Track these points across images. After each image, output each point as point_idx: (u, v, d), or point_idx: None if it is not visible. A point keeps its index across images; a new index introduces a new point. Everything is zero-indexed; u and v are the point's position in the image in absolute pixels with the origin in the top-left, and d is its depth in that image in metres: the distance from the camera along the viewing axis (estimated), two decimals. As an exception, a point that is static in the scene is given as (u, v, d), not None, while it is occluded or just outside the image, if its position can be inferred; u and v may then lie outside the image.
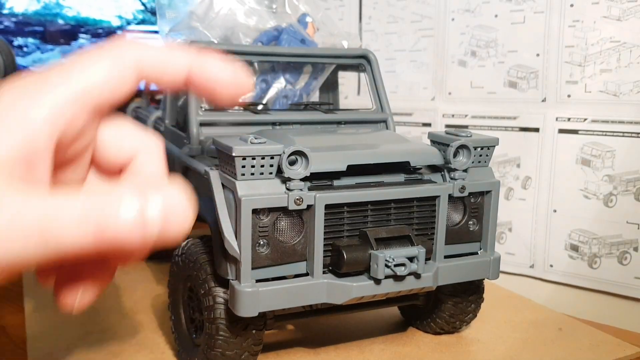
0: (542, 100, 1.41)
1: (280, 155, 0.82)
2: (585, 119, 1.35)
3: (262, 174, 0.82)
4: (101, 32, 1.78)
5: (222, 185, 0.85)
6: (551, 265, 1.42)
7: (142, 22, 1.83)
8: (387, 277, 0.87)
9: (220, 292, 0.88)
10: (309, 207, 0.84)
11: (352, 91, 1.69)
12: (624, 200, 1.30)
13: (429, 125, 1.60)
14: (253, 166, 0.81)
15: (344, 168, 0.88)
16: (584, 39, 1.34)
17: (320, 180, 0.88)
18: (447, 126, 1.57)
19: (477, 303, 1.10)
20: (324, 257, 0.87)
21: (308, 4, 1.29)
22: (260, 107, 1.18)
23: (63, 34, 1.77)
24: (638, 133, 1.28)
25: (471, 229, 1.00)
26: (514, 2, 1.43)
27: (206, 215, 0.90)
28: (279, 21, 1.24)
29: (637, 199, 1.29)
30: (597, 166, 1.33)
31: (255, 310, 0.82)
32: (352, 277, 0.88)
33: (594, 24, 1.33)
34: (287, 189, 0.83)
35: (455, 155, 0.94)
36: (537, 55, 1.41)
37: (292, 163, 0.83)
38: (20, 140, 0.40)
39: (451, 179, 0.95)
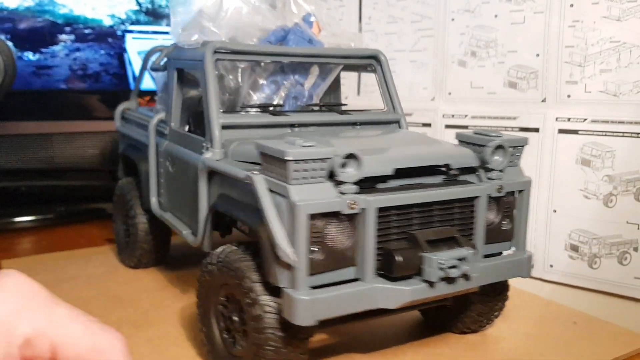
0: (542, 101, 1.43)
1: (331, 158, 0.81)
2: (585, 119, 1.37)
3: (313, 177, 0.81)
4: (90, 32, 1.74)
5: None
6: (551, 266, 1.43)
7: (137, 22, 1.80)
8: (440, 279, 0.87)
9: (268, 301, 0.85)
10: (361, 210, 0.83)
11: (352, 91, 1.68)
12: (624, 201, 1.33)
13: (429, 125, 1.61)
14: (305, 170, 0.80)
15: (391, 172, 0.88)
16: (584, 39, 1.36)
17: (364, 183, 0.87)
18: (447, 126, 1.57)
19: (504, 301, 1.12)
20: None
21: (312, 3, 1.27)
22: (277, 109, 1.17)
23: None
24: (638, 133, 1.31)
25: (504, 228, 1.01)
26: (513, 2, 1.45)
27: (248, 222, 0.88)
28: (285, 21, 1.23)
29: (637, 199, 1.31)
30: (597, 166, 1.35)
31: (312, 318, 0.80)
32: (405, 280, 0.87)
33: (593, 24, 1.35)
34: (340, 193, 0.81)
35: (492, 155, 0.95)
36: (537, 55, 1.43)
37: (342, 166, 0.82)
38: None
39: (488, 179, 0.96)
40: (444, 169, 0.98)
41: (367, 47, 1.33)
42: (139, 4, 1.78)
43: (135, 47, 1.82)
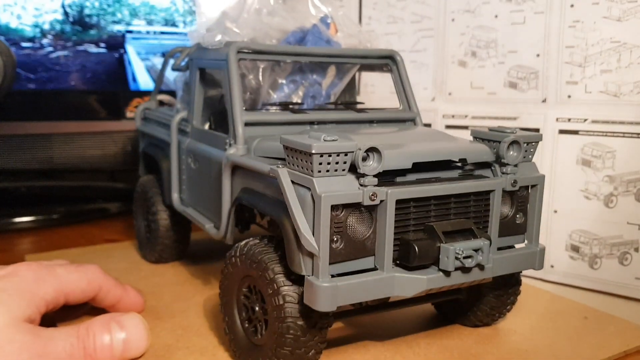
0: (543, 101, 1.50)
1: (353, 152, 0.87)
2: (585, 120, 1.44)
3: (336, 170, 0.88)
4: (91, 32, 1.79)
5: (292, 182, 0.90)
6: (552, 266, 1.51)
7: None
8: (455, 269, 0.94)
9: (290, 291, 0.93)
10: (380, 202, 0.90)
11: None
12: (625, 201, 1.40)
13: (429, 125, 1.67)
14: (329, 163, 0.87)
15: (409, 165, 0.95)
16: (584, 39, 1.44)
17: (384, 177, 0.94)
18: (448, 127, 1.64)
19: (516, 295, 1.20)
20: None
21: (329, 4, 1.36)
22: (296, 107, 1.25)
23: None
24: (638, 134, 1.38)
25: (518, 222, 1.09)
26: (514, 3, 1.52)
27: (272, 213, 0.96)
28: (303, 22, 1.31)
29: (637, 199, 1.38)
30: (598, 167, 1.43)
31: (334, 305, 0.87)
32: (422, 270, 0.95)
33: (594, 25, 1.42)
34: (361, 185, 0.88)
35: (507, 150, 1.02)
36: (537, 55, 1.50)
37: (363, 160, 0.88)
38: (36, 310, 0.92)
39: (502, 173, 1.03)
40: (459, 164, 1.06)
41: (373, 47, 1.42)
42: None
43: (135, 48, 1.89)
